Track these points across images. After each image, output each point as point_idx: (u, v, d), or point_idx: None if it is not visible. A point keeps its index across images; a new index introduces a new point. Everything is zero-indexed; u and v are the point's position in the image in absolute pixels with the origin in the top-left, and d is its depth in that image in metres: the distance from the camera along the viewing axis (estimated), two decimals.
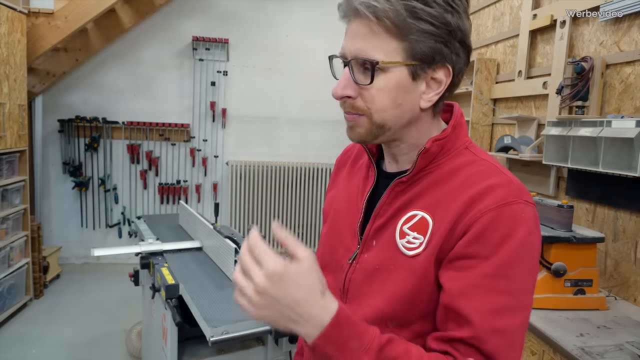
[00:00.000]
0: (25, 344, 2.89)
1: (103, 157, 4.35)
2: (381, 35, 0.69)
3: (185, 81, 4.42)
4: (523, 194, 0.70)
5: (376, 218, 0.79)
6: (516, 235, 0.66)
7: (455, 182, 0.73)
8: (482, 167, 0.74)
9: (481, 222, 0.67)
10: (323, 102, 4.46)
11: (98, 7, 3.62)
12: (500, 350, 0.65)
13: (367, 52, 0.70)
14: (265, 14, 4.47)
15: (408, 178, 0.76)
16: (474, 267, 0.67)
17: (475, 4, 3.39)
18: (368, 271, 0.78)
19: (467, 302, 0.66)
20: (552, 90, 2.37)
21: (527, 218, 0.68)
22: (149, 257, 1.88)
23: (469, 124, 3.11)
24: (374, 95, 0.72)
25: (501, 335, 0.65)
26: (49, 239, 4.30)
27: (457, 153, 0.77)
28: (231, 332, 1.32)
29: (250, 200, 4.51)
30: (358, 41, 0.71)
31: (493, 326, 0.65)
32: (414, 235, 0.73)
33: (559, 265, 1.71)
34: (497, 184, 0.70)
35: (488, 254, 0.66)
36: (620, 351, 1.42)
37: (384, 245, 0.77)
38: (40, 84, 4.01)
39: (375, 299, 0.76)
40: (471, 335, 0.64)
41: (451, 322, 0.68)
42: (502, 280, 0.66)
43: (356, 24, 0.71)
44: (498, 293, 0.66)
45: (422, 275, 0.71)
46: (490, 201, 0.68)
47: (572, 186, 2.27)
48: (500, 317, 0.65)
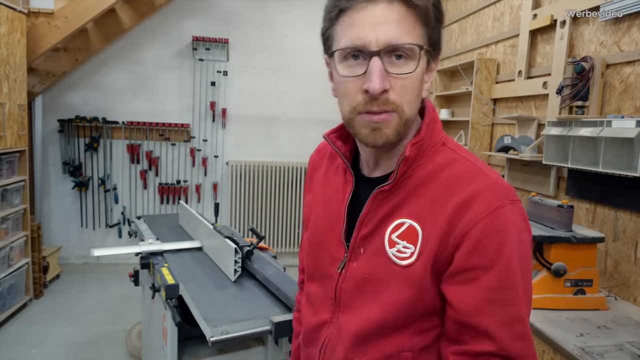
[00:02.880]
0: (25, 344, 2.88)
1: (103, 157, 4.35)
2: (411, 20, 0.67)
3: (185, 81, 4.42)
4: (508, 194, 0.70)
5: (361, 227, 0.77)
6: (510, 238, 0.67)
7: (438, 186, 0.72)
8: (463, 167, 0.73)
9: (475, 231, 0.67)
10: (323, 102, 4.46)
11: (98, 7, 3.62)
12: (523, 353, 0.68)
13: (402, 38, 0.66)
14: (265, 14, 4.47)
15: (390, 187, 0.74)
16: (478, 278, 0.67)
17: (476, 4, 3.39)
18: (358, 280, 0.77)
19: (484, 318, 0.67)
20: (552, 90, 2.37)
21: (516, 219, 0.69)
22: (149, 257, 1.88)
23: (469, 124, 3.11)
24: (408, 87, 0.68)
25: (520, 339, 0.68)
26: (49, 239, 4.30)
27: (435, 151, 0.75)
28: (231, 332, 1.32)
29: (250, 200, 4.51)
30: (388, 28, 0.65)
31: (513, 334, 0.67)
32: (404, 244, 0.73)
33: (559, 265, 1.71)
34: (483, 189, 0.69)
35: (489, 263, 0.67)
36: (621, 351, 1.42)
37: (373, 253, 0.76)
38: (40, 84, 4.01)
39: (371, 309, 0.75)
40: (496, 348, 0.66)
41: (468, 336, 0.69)
42: (510, 290, 0.68)
43: (381, 9, 0.65)
44: (510, 303, 0.68)
45: (420, 286, 0.71)
46: (479, 209, 0.67)
47: (572, 186, 2.27)
48: (517, 323, 0.68)
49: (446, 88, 3.74)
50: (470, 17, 3.49)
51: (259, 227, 4.54)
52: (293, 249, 4.64)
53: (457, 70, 3.40)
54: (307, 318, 0.89)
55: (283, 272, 1.70)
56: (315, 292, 0.87)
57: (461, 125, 3.39)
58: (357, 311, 0.77)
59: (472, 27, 3.47)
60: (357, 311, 0.77)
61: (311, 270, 0.89)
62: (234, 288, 1.64)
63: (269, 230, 4.57)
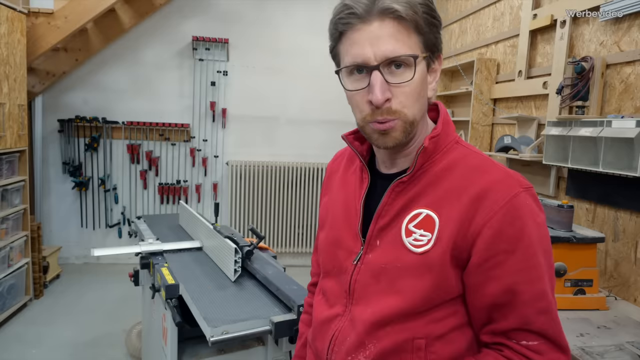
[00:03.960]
0: (25, 344, 2.88)
1: (103, 157, 4.35)
2: (404, 32, 0.73)
3: (185, 81, 4.42)
4: (521, 182, 0.75)
5: (379, 218, 0.81)
6: (528, 222, 0.72)
7: (454, 178, 0.77)
8: (476, 159, 0.78)
9: (495, 221, 0.72)
10: (323, 102, 4.47)
11: (98, 7, 3.62)
12: (548, 327, 0.73)
13: (398, 50, 0.72)
14: (265, 14, 4.47)
15: (408, 177, 0.78)
16: (503, 262, 0.72)
17: (476, 4, 3.39)
18: (374, 271, 0.80)
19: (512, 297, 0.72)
20: (552, 90, 2.37)
21: (530, 204, 0.74)
22: (149, 257, 1.88)
23: (469, 124, 3.11)
24: (408, 93, 0.74)
25: (545, 313, 0.73)
26: (49, 239, 4.30)
27: (449, 148, 0.81)
28: (231, 332, 1.32)
29: (250, 200, 4.51)
30: (384, 43, 0.71)
31: (537, 308, 0.72)
32: (421, 232, 0.76)
33: (559, 265, 1.71)
34: (497, 180, 0.74)
35: (512, 248, 0.72)
36: (621, 351, 1.42)
37: (389, 244, 0.79)
38: (40, 84, 4.01)
39: (388, 298, 0.77)
40: (522, 322, 0.72)
41: (497, 315, 0.74)
42: (533, 270, 0.72)
43: (376, 27, 0.71)
44: (534, 282, 0.72)
45: (439, 272, 0.74)
46: (497, 198, 0.72)
47: (572, 186, 2.27)
48: (541, 300, 0.73)
49: (446, 88, 3.74)
50: (470, 17, 3.49)
51: (259, 227, 4.54)
52: (293, 249, 4.64)
53: (457, 70, 3.41)
54: (320, 312, 0.90)
55: (283, 272, 1.70)
56: (330, 287, 0.89)
57: (461, 125, 3.39)
58: (372, 302, 0.79)
59: (472, 27, 3.47)
60: (372, 302, 0.79)
61: (327, 268, 0.91)
62: (234, 288, 1.64)
63: (269, 230, 4.57)
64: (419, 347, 0.75)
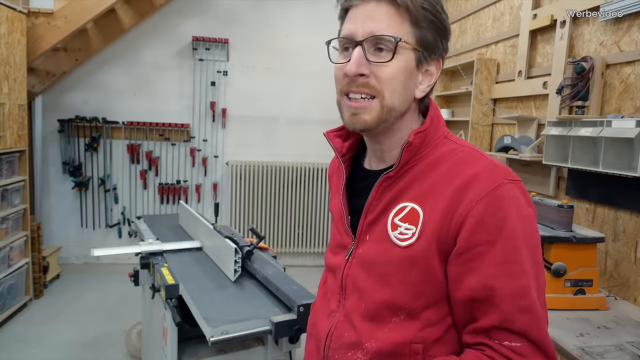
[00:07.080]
0: (25, 344, 2.88)
1: (103, 157, 4.35)
2: (397, 18, 0.74)
3: (185, 81, 4.42)
4: (507, 174, 0.73)
5: (367, 213, 0.82)
6: (511, 214, 0.70)
7: (440, 171, 0.76)
8: (464, 153, 0.77)
9: (477, 210, 0.70)
10: (323, 102, 4.46)
11: (98, 7, 3.61)
12: (530, 327, 0.69)
13: (384, 30, 0.73)
14: (265, 14, 4.47)
15: (395, 172, 0.79)
16: (484, 254, 0.70)
17: (475, 4, 3.39)
18: (364, 265, 0.81)
19: (490, 292, 0.69)
20: (552, 90, 2.37)
21: (516, 196, 0.72)
22: (149, 257, 1.88)
23: (469, 124, 3.11)
24: (389, 74, 0.74)
25: (527, 312, 0.69)
26: (49, 239, 4.30)
27: (438, 143, 0.80)
28: (231, 332, 1.32)
29: (250, 200, 4.51)
30: (374, 22, 0.73)
31: (518, 306, 0.69)
32: (406, 226, 0.76)
33: (559, 265, 1.71)
34: (482, 170, 0.73)
35: (492, 238, 0.70)
36: (621, 351, 1.42)
37: (377, 238, 0.80)
38: (40, 84, 4.01)
39: (378, 291, 0.78)
40: (501, 320, 0.69)
41: (477, 312, 0.72)
42: (515, 265, 0.70)
43: (372, 7, 0.74)
44: (515, 277, 0.69)
45: (424, 266, 0.74)
46: (480, 188, 0.71)
47: (572, 186, 2.27)
48: (522, 297, 0.69)
49: (446, 88, 3.74)
50: (470, 17, 3.49)
51: (259, 227, 4.54)
52: (293, 249, 4.64)
53: (457, 70, 3.40)
54: (318, 309, 0.93)
55: (283, 272, 1.70)
56: (330, 284, 0.91)
57: (461, 125, 3.39)
58: (364, 295, 0.80)
59: (472, 27, 3.47)
60: (364, 295, 0.80)
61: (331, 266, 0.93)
62: (234, 288, 1.64)
63: (269, 230, 4.57)
64: (417, 351, 0.75)
